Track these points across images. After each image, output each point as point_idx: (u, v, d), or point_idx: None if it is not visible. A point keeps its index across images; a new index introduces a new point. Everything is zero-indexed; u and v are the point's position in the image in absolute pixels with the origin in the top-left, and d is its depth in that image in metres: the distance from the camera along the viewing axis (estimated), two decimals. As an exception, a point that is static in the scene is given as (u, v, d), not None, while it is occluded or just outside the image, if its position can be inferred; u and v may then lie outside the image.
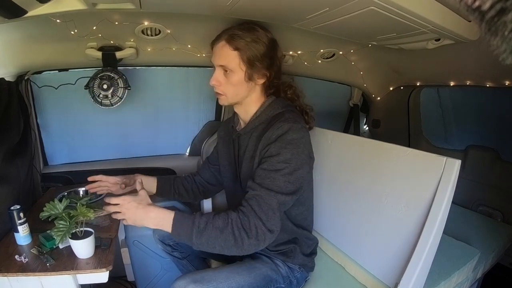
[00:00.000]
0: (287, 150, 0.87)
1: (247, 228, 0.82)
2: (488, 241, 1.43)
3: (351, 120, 2.34)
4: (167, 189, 1.23)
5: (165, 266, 1.59)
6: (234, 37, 0.94)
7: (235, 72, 0.95)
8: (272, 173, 0.87)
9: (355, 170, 1.16)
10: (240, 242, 0.82)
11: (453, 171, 0.82)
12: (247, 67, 0.95)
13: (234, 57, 0.94)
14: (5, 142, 1.12)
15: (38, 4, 0.80)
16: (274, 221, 0.84)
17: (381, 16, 0.86)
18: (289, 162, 0.87)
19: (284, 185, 0.87)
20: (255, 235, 0.82)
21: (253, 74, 0.96)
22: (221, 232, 0.82)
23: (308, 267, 1.10)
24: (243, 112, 1.06)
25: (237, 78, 0.96)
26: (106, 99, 1.33)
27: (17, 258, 0.92)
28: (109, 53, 1.27)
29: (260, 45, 0.94)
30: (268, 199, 0.84)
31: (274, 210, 0.84)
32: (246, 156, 1.01)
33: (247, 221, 0.82)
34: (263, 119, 0.99)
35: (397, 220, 0.97)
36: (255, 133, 1.00)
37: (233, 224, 0.83)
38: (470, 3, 0.22)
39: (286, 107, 1.01)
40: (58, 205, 0.94)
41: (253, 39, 0.94)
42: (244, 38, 0.94)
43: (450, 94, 1.99)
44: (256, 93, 1.02)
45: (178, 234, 0.84)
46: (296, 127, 0.90)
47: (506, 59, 0.23)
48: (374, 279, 1.03)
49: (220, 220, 0.83)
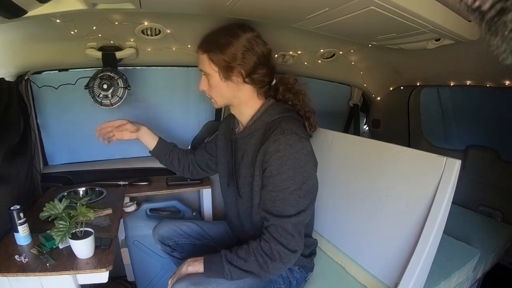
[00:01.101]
0: (287, 167, 0.86)
1: (269, 254, 0.86)
2: (488, 241, 1.43)
3: (351, 120, 2.34)
4: (163, 153, 1.24)
5: (165, 266, 1.59)
6: (204, 40, 0.97)
7: (211, 74, 0.96)
8: (280, 193, 0.86)
9: (355, 170, 1.16)
10: (265, 267, 0.87)
11: (453, 171, 0.82)
12: (218, 67, 0.94)
13: (205, 59, 0.95)
14: (5, 142, 1.12)
15: (38, 4, 0.80)
16: (294, 242, 0.87)
17: (381, 16, 0.86)
18: (294, 178, 0.86)
19: (296, 202, 0.87)
20: (279, 257, 0.86)
21: (227, 73, 0.94)
22: (245, 261, 0.88)
23: (307, 267, 1.09)
24: (238, 114, 1.05)
25: (214, 80, 0.96)
26: (106, 99, 1.33)
27: (17, 258, 0.92)
28: (109, 53, 1.27)
29: (227, 44, 0.92)
30: (283, 225, 0.86)
31: (292, 233, 0.86)
32: (244, 162, 0.99)
33: (269, 247, 0.87)
34: (259, 125, 0.97)
35: (397, 220, 0.97)
36: (253, 139, 0.98)
37: (255, 252, 0.88)
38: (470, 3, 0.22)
39: (283, 112, 0.97)
40: (58, 205, 0.94)
41: (221, 39, 0.93)
42: (211, 40, 0.95)
43: (450, 94, 1.99)
44: (244, 93, 0.98)
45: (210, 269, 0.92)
46: (293, 140, 0.87)
47: (506, 59, 0.23)
48: (374, 279, 1.03)
49: (243, 251, 0.90)
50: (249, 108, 1.01)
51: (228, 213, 1.17)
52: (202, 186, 1.63)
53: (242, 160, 1.00)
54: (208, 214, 1.68)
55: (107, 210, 1.22)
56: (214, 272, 0.91)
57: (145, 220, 1.56)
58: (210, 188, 1.64)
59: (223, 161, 1.12)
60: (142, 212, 1.58)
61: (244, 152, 1.00)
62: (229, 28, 0.95)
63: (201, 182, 1.64)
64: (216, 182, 1.78)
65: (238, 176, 1.02)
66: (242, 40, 0.92)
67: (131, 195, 1.53)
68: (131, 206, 1.54)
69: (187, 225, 1.25)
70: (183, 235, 1.23)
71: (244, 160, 0.99)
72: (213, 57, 0.93)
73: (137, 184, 1.58)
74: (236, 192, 1.04)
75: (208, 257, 0.94)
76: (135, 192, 1.53)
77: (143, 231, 1.53)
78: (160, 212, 1.63)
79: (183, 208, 1.69)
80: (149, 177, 1.66)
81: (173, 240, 1.22)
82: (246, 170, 0.98)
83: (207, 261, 0.93)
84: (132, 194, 1.52)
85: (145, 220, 1.56)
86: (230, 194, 1.09)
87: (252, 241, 0.90)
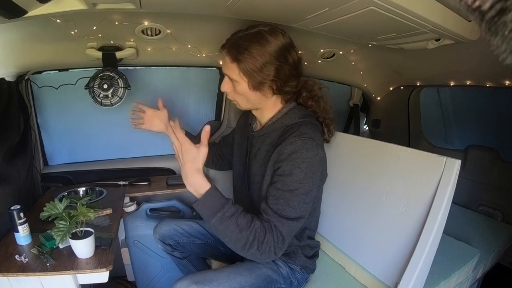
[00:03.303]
0: (300, 169, 0.85)
1: (261, 241, 0.82)
2: (488, 241, 1.43)
3: (351, 120, 2.34)
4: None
5: (165, 266, 1.59)
6: (234, 47, 0.90)
7: (239, 82, 0.92)
8: (286, 193, 0.86)
9: (355, 170, 1.16)
10: (247, 247, 0.82)
11: (453, 171, 0.82)
12: (248, 78, 0.90)
13: (234, 68, 0.90)
14: (5, 142, 1.12)
15: (38, 4, 0.80)
16: (281, 246, 0.85)
17: (381, 16, 0.86)
18: (303, 183, 0.86)
19: (298, 206, 0.86)
20: (264, 250, 0.82)
21: (258, 85, 0.91)
22: (239, 232, 0.82)
23: (309, 268, 1.10)
24: (259, 114, 1.04)
25: (242, 88, 0.93)
26: (106, 99, 1.33)
27: (17, 258, 0.92)
28: (109, 53, 1.27)
29: (260, 55, 0.87)
30: (280, 227, 0.84)
31: (285, 237, 0.85)
32: (257, 159, 1.00)
33: (263, 236, 0.83)
34: (278, 127, 0.96)
35: (397, 220, 0.97)
36: (269, 139, 0.97)
37: (253, 231, 0.82)
38: (470, 3, 0.22)
39: (304, 117, 0.96)
40: (58, 205, 0.94)
41: (253, 49, 0.87)
42: (243, 48, 0.88)
43: (450, 94, 1.99)
44: (271, 100, 0.97)
45: (203, 205, 0.83)
46: (310, 144, 0.86)
47: (506, 59, 0.23)
48: (374, 279, 1.03)
49: (245, 220, 0.83)
50: (271, 110, 1.00)
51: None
52: (202, 186, 1.63)
53: (255, 157, 1.01)
54: (208, 214, 1.67)
55: (107, 210, 1.22)
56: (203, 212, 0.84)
57: (145, 220, 1.56)
58: (210, 188, 1.64)
59: (238, 154, 1.13)
60: (142, 212, 1.58)
61: (258, 150, 1.00)
62: (261, 36, 0.89)
63: (201, 182, 1.63)
64: (216, 182, 1.79)
65: (250, 172, 1.03)
66: (275, 50, 0.88)
67: (131, 195, 1.53)
68: (131, 206, 1.54)
69: (188, 224, 1.25)
70: (184, 234, 1.23)
71: (257, 158, 0.99)
72: (243, 67, 0.89)
73: (137, 184, 1.58)
74: (246, 188, 1.05)
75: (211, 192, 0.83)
76: (135, 192, 1.53)
77: (143, 231, 1.53)
78: (160, 212, 1.63)
79: (183, 208, 1.69)
80: (149, 177, 1.66)
81: (174, 239, 1.23)
82: (257, 168, 0.99)
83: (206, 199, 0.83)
84: (132, 194, 1.52)
85: (145, 220, 1.56)
86: (241, 189, 1.10)
87: (257, 219, 0.85)
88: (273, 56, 0.88)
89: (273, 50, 0.88)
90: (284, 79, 0.92)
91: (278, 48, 0.89)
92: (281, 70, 0.90)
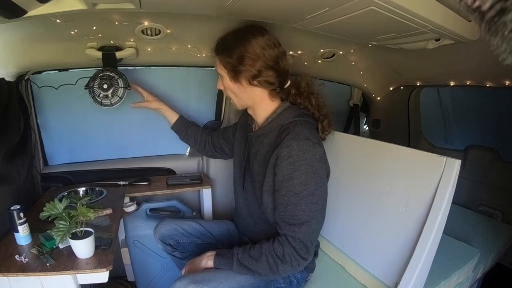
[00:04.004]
0: (299, 172, 0.87)
1: (281, 256, 0.88)
2: (488, 241, 1.43)
3: (351, 120, 2.34)
4: (181, 129, 1.41)
5: (165, 266, 1.59)
6: (217, 44, 1.01)
7: (223, 76, 1.01)
8: (292, 198, 0.88)
9: (355, 170, 1.16)
10: (275, 268, 0.89)
11: (453, 171, 0.82)
12: (226, 69, 0.98)
13: (217, 62, 1.02)
14: (5, 142, 1.12)
15: (38, 4, 0.80)
16: (306, 250, 0.88)
17: (381, 16, 0.86)
18: (306, 184, 0.87)
19: (308, 208, 0.87)
20: (290, 261, 0.88)
21: (236, 75, 0.97)
22: (257, 261, 0.91)
23: (309, 268, 1.10)
24: (253, 114, 1.08)
25: (226, 81, 1.01)
26: (106, 99, 1.33)
27: (17, 258, 0.92)
28: (109, 53, 1.27)
29: (234, 46, 0.96)
30: (296, 235, 0.88)
31: (305, 242, 0.88)
32: (257, 159, 1.02)
33: (281, 250, 0.88)
34: (274, 127, 0.99)
35: (397, 220, 0.97)
36: (266, 139, 1.00)
37: (267, 253, 0.90)
38: (470, 3, 0.22)
39: (298, 116, 0.97)
40: (58, 205, 0.94)
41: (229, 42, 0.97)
42: (222, 43, 1.00)
43: (450, 94, 1.99)
44: (256, 95, 1.00)
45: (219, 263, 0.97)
46: (306, 145, 0.87)
47: (506, 59, 0.23)
48: (374, 279, 1.03)
49: (255, 251, 0.92)
50: (263, 109, 1.03)
51: (236, 206, 1.21)
52: (202, 186, 1.63)
53: (255, 158, 1.03)
54: (208, 214, 1.68)
55: (107, 210, 1.22)
56: (222, 266, 0.96)
57: (145, 220, 1.56)
58: (210, 188, 1.64)
59: (238, 151, 1.16)
60: (142, 212, 1.58)
61: (257, 150, 1.02)
62: (239, 32, 0.99)
63: (201, 182, 1.64)
64: (216, 182, 1.79)
65: (251, 172, 1.04)
66: (249, 45, 0.94)
67: (131, 195, 1.53)
68: (131, 206, 1.54)
69: (188, 224, 1.25)
70: (184, 234, 1.23)
71: (257, 158, 1.01)
72: (222, 59, 0.99)
73: (137, 184, 1.58)
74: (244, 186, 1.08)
75: (220, 251, 0.99)
76: (135, 192, 1.53)
77: (143, 231, 1.53)
78: (160, 212, 1.63)
79: (183, 208, 1.69)
80: (149, 177, 1.66)
81: (174, 239, 1.23)
82: (258, 168, 1.01)
83: (219, 255, 0.98)
84: (132, 194, 1.52)
85: (145, 220, 1.56)
86: (239, 187, 1.13)
87: (265, 241, 0.93)
88: (246, 47, 0.94)
89: (248, 42, 0.94)
90: (258, 68, 0.95)
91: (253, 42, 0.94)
92: (253, 59, 0.94)
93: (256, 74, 0.95)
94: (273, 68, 0.97)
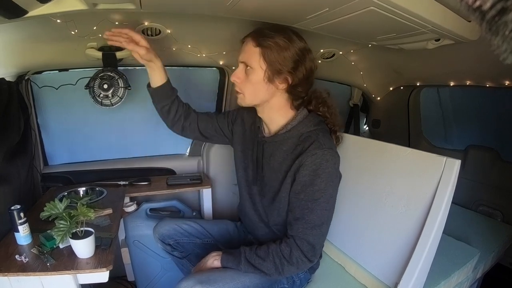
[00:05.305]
0: (320, 179, 0.89)
1: (287, 257, 0.91)
2: (488, 241, 1.43)
3: (351, 120, 2.34)
4: (163, 97, 1.14)
5: (165, 266, 1.59)
6: (259, 34, 0.93)
7: (255, 69, 0.93)
8: (310, 203, 0.90)
9: (355, 170, 1.16)
10: (280, 268, 0.91)
11: (453, 171, 0.83)
12: (267, 66, 0.92)
13: (255, 53, 0.93)
14: (5, 142, 1.12)
15: (38, 4, 0.80)
16: (313, 252, 0.91)
17: (381, 16, 0.86)
18: (324, 191, 0.90)
19: (321, 213, 0.91)
20: (296, 263, 0.91)
21: (274, 76, 0.92)
22: (263, 261, 0.92)
23: (312, 268, 1.11)
24: (267, 119, 1.04)
25: (256, 77, 0.94)
26: (107, 99, 1.33)
27: (18, 258, 0.92)
28: (109, 53, 1.27)
29: (285, 47, 0.91)
30: (306, 238, 0.90)
31: (314, 244, 0.91)
32: (271, 166, 1.01)
33: (289, 251, 0.91)
34: (294, 134, 0.98)
35: (397, 220, 0.97)
36: (284, 147, 0.99)
37: (274, 254, 0.92)
38: (471, 3, 0.22)
39: (318, 125, 0.99)
40: (58, 205, 0.94)
41: (279, 39, 0.91)
42: (269, 37, 0.91)
43: (450, 94, 1.99)
44: (278, 100, 0.98)
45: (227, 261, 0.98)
46: (329, 155, 0.91)
47: (507, 58, 0.23)
48: (374, 279, 1.03)
49: (262, 251, 0.94)
50: (280, 116, 1.01)
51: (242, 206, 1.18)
52: (202, 186, 1.63)
53: (268, 163, 1.02)
54: (208, 214, 1.68)
55: (107, 210, 1.22)
56: (230, 264, 0.97)
57: (145, 220, 1.56)
58: (210, 188, 1.64)
59: (245, 154, 1.12)
60: (142, 212, 1.58)
61: (271, 155, 1.01)
62: (285, 31, 0.94)
63: (201, 182, 1.64)
64: (216, 182, 1.79)
65: (262, 176, 1.04)
66: (298, 48, 0.93)
67: (131, 195, 1.53)
68: (131, 206, 1.54)
69: (188, 224, 1.25)
70: (184, 233, 1.23)
71: (271, 164, 1.01)
72: (266, 54, 0.91)
73: (137, 184, 1.58)
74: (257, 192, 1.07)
75: (227, 250, 1.01)
76: (135, 192, 1.53)
77: (143, 231, 1.53)
78: (160, 212, 1.63)
79: (183, 208, 1.69)
80: (149, 177, 1.66)
81: (174, 239, 1.23)
82: (272, 174, 1.01)
83: (226, 253, 0.99)
84: (132, 194, 1.52)
85: (145, 220, 1.56)
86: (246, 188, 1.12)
87: (271, 243, 0.95)
88: (295, 51, 0.92)
89: (296, 46, 0.93)
90: (300, 77, 0.94)
91: (301, 47, 0.94)
92: (299, 68, 0.93)
93: (296, 84, 0.95)
94: (309, 81, 0.99)
